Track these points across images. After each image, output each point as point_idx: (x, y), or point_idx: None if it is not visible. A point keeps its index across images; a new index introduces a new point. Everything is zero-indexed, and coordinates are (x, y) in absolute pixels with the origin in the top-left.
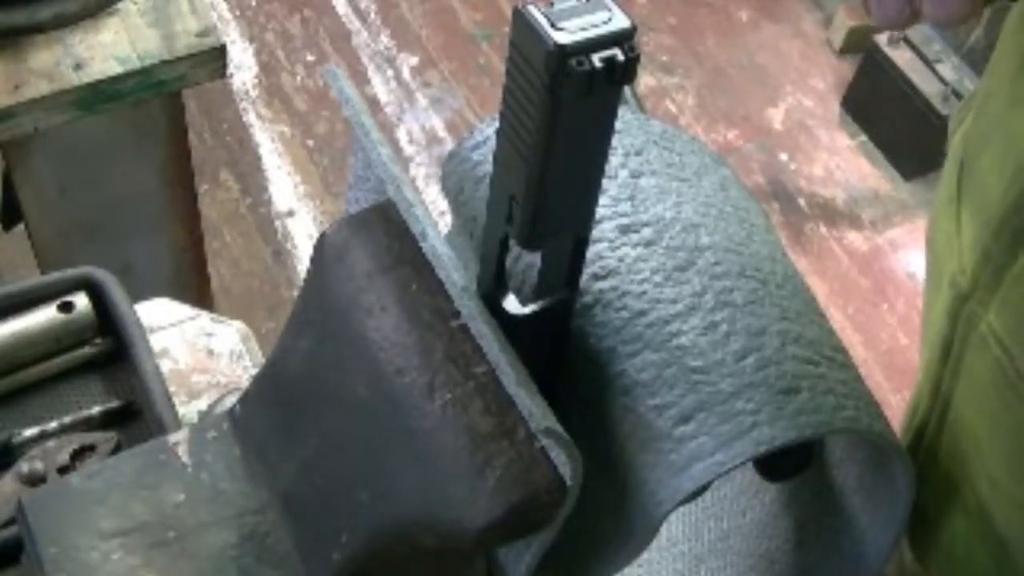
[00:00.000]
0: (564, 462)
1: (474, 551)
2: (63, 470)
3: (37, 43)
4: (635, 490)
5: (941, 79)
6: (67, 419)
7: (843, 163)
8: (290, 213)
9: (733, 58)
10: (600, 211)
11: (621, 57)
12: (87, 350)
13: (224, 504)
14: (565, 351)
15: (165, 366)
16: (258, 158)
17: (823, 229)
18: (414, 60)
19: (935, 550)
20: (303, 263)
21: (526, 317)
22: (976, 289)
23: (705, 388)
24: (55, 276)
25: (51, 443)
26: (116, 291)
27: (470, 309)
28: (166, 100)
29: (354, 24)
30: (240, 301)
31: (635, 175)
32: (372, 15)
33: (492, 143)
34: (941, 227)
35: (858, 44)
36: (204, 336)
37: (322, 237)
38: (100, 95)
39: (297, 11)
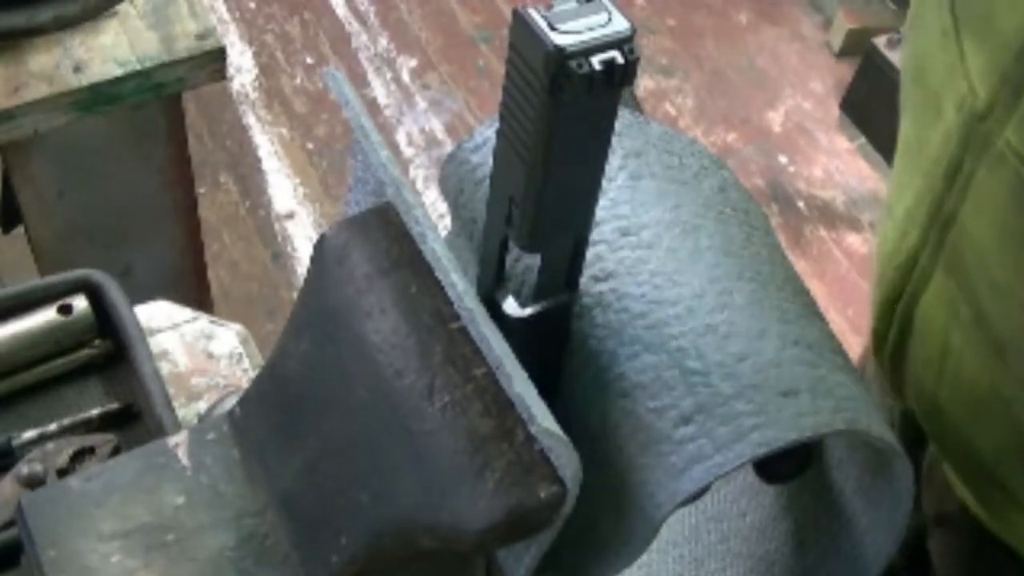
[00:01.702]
0: (563, 464)
1: (474, 553)
2: (62, 472)
3: (37, 45)
4: (634, 492)
5: None
6: (66, 421)
7: (842, 165)
8: (289, 215)
9: (732, 61)
10: (599, 213)
11: (620, 59)
12: (86, 352)
13: (223, 506)
14: (564, 353)
15: (164, 368)
16: (257, 160)
17: (822, 231)
18: (413, 62)
19: (926, 375)
20: (302, 265)
21: (525, 319)
22: (993, 108)
23: (704, 390)
24: (54, 278)
25: (50, 445)
26: (115, 293)
27: (470, 311)
28: (165, 102)
29: (353, 26)
30: (239, 303)
31: (634, 177)
32: (371, 17)
33: (491, 145)
34: (936, 60)
35: (857, 46)
36: (203, 338)
37: (321, 239)
38: (99, 97)
39: (296, 13)
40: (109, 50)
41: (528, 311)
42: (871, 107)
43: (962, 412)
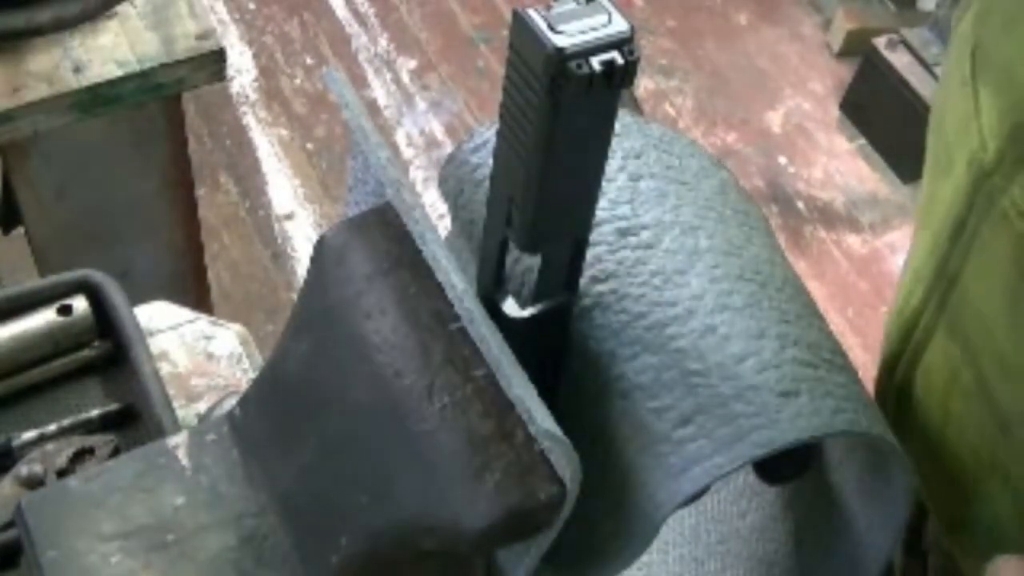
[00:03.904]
0: (563, 465)
1: (473, 554)
2: (62, 473)
3: (36, 46)
4: (634, 493)
5: None
6: (66, 422)
7: (842, 166)
8: (289, 216)
9: (732, 61)
10: (599, 214)
11: (620, 60)
12: (86, 353)
13: (223, 507)
14: (564, 354)
15: (164, 369)
16: (257, 161)
17: (822, 232)
18: (413, 63)
19: (926, 440)
20: (302, 266)
21: (525, 320)
22: (1001, 164)
23: (704, 391)
24: (54, 279)
25: (50, 446)
26: (115, 294)
27: (469, 312)
28: (165, 103)
29: (353, 27)
30: (239, 304)
31: (634, 178)
32: (371, 18)
33: (491, 146)
34: (954, 110)
35: (856, 47)
36: (203, 339)
37: (321, 240)
38: (99, 98)
39: (296, 14)
40: (109, 51)
41: (528, 312)
42: (871, 108)
43: (961, 480)
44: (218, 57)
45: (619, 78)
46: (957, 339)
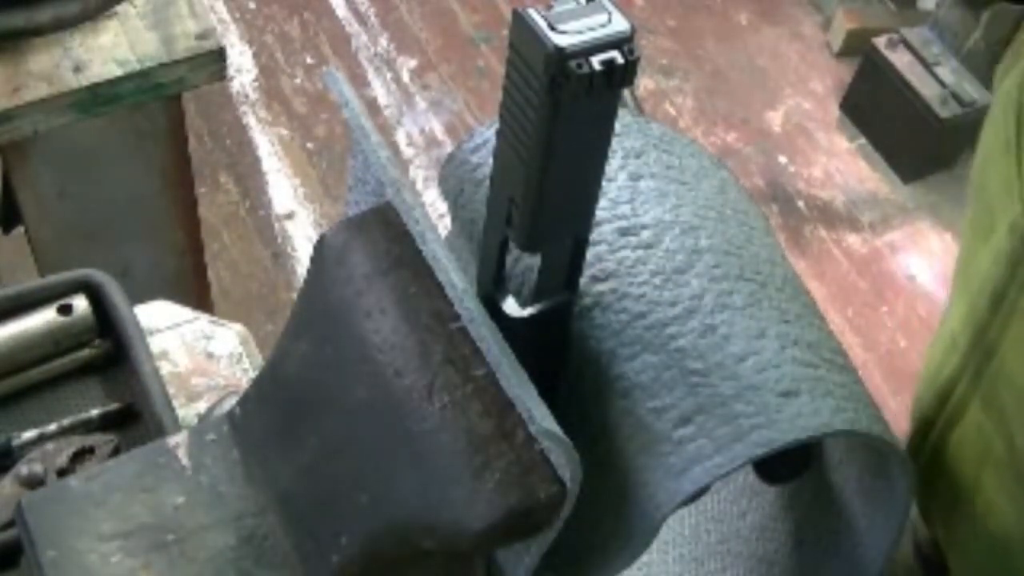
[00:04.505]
0: (563, 464)
1: (473, 553)
2: (62, 472)
3: (36, 46)
4: (634, 492)
5: (940, 82)
6: (66, 421)
7: (842, 166)
8: (289, 216)
9: (732, 61)
10: (599, 213)
11: (620, 60)
12: (86, 352)
13: (223, 506)
14: (565, 353)
15: (164, 368)
16: (257, 161)
17: (822, 232)
18: (413, 63)
19: (955, 506)
20: (302, 265)
21: (525, 319)
22: None
23: (704, 391)
24: (54, 278)
25: (50, 445)
26: (115, 293)
27: (469, 311)
28: (165, 103)
29: (353, 27)
30: (239, 303)
31: (634, 178)
32: (371, 18)
33: (491, 145)
34: (996, 174)
35: (857, 47)
36: (203, 339)
37: (321, 239)
38: (99, 98)
39: (296, 14)
40: (109, 50)
41: (528, 311)
42: (871, 107)
43: (988, 549)
44: (218, 56)
45: (619, 77)
46: (992, 411)
